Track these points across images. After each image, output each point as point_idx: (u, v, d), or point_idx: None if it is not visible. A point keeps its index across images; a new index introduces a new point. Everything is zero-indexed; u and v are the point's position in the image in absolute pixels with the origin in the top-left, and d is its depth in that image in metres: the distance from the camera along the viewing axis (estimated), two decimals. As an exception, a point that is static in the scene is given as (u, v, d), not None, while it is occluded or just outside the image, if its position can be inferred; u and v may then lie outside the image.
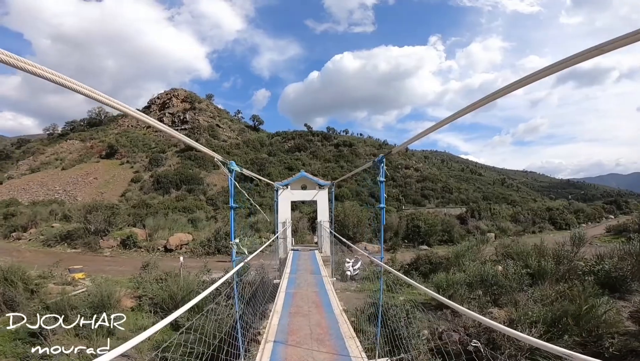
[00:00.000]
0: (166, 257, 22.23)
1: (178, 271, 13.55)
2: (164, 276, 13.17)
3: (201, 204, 52.97)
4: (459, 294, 10.70)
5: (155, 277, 13.73)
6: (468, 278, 11.43)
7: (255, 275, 13.96)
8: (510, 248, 14.93)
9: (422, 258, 15.17)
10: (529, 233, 29.96)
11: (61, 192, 61.24)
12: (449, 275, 11.89)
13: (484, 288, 11.42)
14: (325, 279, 7.27)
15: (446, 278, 11.49)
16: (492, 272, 11.21)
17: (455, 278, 11.39)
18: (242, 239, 4.63)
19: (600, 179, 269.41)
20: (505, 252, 14.85)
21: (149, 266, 15.01)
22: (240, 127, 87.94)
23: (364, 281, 15.33)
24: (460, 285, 10.85)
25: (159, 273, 14.06)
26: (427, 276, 15.15)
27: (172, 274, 13.36)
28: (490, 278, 11.04)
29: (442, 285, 11.07)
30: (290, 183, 12.86)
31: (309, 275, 7.94)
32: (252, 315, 9.57)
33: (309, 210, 36.93)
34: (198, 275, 14.04)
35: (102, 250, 24.30)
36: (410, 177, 69.74)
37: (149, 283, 13.03)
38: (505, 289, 11.14)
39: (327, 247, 12.17)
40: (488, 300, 10.88)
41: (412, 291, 13.68)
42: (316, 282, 7.10)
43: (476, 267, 12.69)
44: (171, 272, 13.61)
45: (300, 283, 7.05)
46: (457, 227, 25.86)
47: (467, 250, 14.55)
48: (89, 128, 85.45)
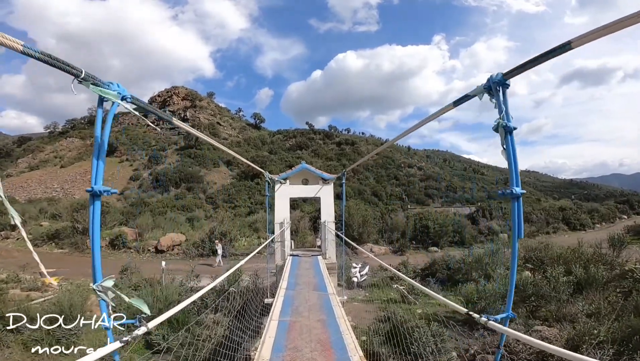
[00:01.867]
0: (156, 259, 20.38)
1: (160, 278, 11.71)
2: (143, 283, 11.33)
3: (200, 203, 51.17)
4: (493, 308, 8.78)
5: (135, 284, 11.88)
6: (501, 287, 9.50)
7: (248, 283, 12.07)
8: (540, 252, 12.97)
9: (438, 262, 13.24)
10: (542, 233, 27.98)
11: (59, 189, 59.58)
12: (478, 285, 9.94)
13: (519, 299, 9.50)
14: (334, 300, 5.34)
15: (477, 289, 9.55)
16: (530, 280, 9.28)
17: (487, 288, 9.45)
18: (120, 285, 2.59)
19: (602, 179, 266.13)
20: (534, 256, 12.91)
21: (129, 270, 13.12)
22: (241, 125, 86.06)
23: (372, 289, 13.41)
24: (494, 297, 8.92)
25: (140, 279, 12.20)
26: (445, 284, 13.23)
27: (153, 281, 11.52)
28: (529, 287, 9.12)
29: (473, 297, 9.14)
30: (290, 177, 10.90)
31: (311, 291, 6.00)
32: (242, 330, 7.69)
33: (311, 208, 34.85)
34: (184, 281, 12.16)
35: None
36: (413, 175, 67.70)
37: (125, 291, 11.16)
38: (545, 300, 9.24)
39: (332, 252, 10.25)
40: (526, 314, 8.97)
41: (430, 301, 11.76)
42: (321, 304, 5.18)
43: (505, 274, 10.78)
44: (152, 278, 11.77)
45: (299, 305, 5.14)
46: (469, 228, 23.90)
47: (490, 254, 12.59)
48: (90, 127, 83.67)
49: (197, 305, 10.09)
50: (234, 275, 10.67)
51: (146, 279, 11.71)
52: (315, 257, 9.95)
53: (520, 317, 8.91)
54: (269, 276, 8.73)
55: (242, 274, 12.84)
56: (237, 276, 10.64)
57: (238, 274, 10.66)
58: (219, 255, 17.81)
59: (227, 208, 48.12)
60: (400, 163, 73.43)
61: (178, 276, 14.29)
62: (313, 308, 5.02)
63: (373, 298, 12.18)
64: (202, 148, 67.05)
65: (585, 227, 31.20)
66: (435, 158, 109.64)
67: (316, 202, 42.86)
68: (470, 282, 12.49)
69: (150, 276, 12.10)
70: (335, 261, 9.84)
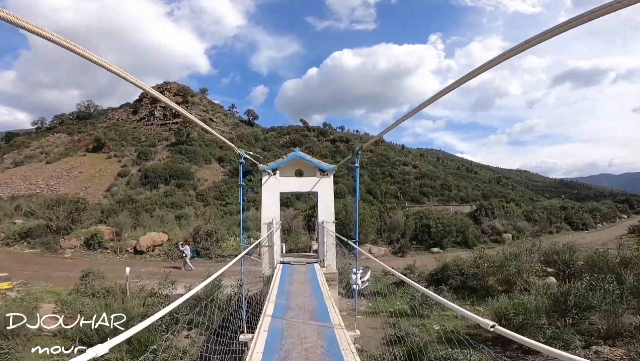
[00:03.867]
0: (135, 260, 18.32)
1: (124, 286, 9.76)
2: (103, 293, 9.37)
3: (190, 200, 48.91)
4: (532, 324, 7.02)
5: (95, 291, 9.89)
6: (538, 299, 7.75)
7: (231, 291, 10.14)
8: (563, 255, 11.28)
9: (450, 267, 11.46)
10: (546, 233, 26.53)
11: (43, 186, 56.78)
12: (512, 296, 8.13)
13: (555, 311, 7.77)
14: (341, 338, 3.46)
15: (511, 302, 7.76)
16: (575, 291, 7.54)
17: (522, 301, 7.66)
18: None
19: (591, 179, 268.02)
20: (559, 260, 11.23)
21: (90, 275, 11.09)
22: (234, 121, 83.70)
23: (375, 298, 11.58)
24: (535, 312, 7.14)
25: (104, 286, 10.20)
26: (458, 291, 11.47)
27: (115, 289, 9.56)
28: (573, 298, 7.37)
29: (507, 312, 7.33)
30: (280, 167, 8.97)
31: (307, 322, 4.09)
32: (222, 352, 5.82)
33: (305, 206, 32.75)
34: (155, 289, 10.20)
35: (63, 251, 20.32)
36: (408, 173, 66.14)
37: (83, 300, 9.17)
38: (590, 312, 7.53)
39: (332, 259, 8.33)
40: (572, 332, 7.24)
41: (445, 313, 9.98)
42: (324, 349, 3.29)
43: (539, 282, 9.05)
44: (115, 286, 9.80)
45: (291, 350, 3.27)
46: (472, 227, 22.24)
47: (511, 258, 10.82)
48: (78, 122, 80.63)
49: (166, 321, 8.20)
50: (213, 283, 8.78)
51: (107, 288, 9.72)
52: (311, 266, 8.03)
53: (564, 333, 7.18)
54: (245, 295, 6.77)
55: (226, 279, 10.94)
56: (217, 285, 8.73)
57: (217, 283, 8.75)
58: (187, 258, 15.87)
59: (218, 206, 46.05)
60: (395, 161, 71.84)
61: (152, 282, 12.31)
62: (312, 355, 3.16)
63: (378, 310, 10.36)
64: (193, 144, 64.64)
65: (587, 227, 29.87)
66: (428, 157, 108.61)
67: (311, 199, 40.48)
68: (486, 290, 10.80)
69: (113, 284, 10.10)
70: (335, 270, 7.94)
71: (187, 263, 15.81)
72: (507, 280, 10.47)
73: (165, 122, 72.82)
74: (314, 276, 6.91)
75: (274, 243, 8.18)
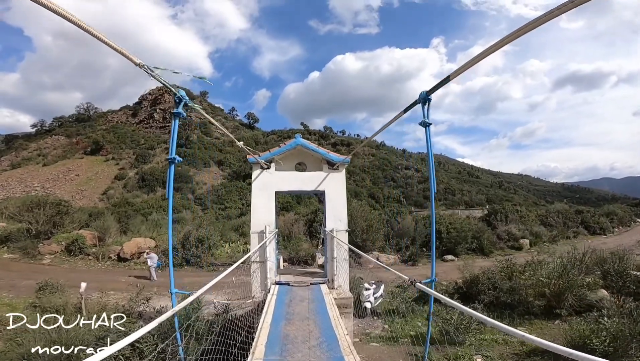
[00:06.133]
0: (118, 268, 16.36)
1: (80, 303, 7.81)
2: (52, 311, 7.42)
3: (188, 203, 47.02)
4: (624, 353, 5.07)
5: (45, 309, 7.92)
6: (616, 321, 5.79)
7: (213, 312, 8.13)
8: (614, 264, 9.31)
9: (481, 280, 9.48)
10: (563, 238, 24.51)
11: (39, 188, 54.85)
12: (602, 320, 6.14)
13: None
14: None
15: (589, 326, 5.81)
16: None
17: (604, 324, 5.69)
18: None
19: (593, 183, 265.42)
20: (612, 270, 9.26)
21: (48, 288, 9.12)
22: (235, 124, 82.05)
23: (392, 318, 9.59)
24: (628, 337, 5.19)
25: (52, 303, 8.23)
26: (491, 309, 9.47)
27: (67, 307, 7.61)
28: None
29: (588, 335, 5.36)
30: (276, 158, 7.02)
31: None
32: None
33: (307, 210, 30.66)
34: (125, 307, 8.21)
35: (42, 257, 18.37)
36: (411, 177, 64.19)
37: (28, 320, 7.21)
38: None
39: (343, 278, 6.31)
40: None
41: (483, 337, 7.98)
42: None
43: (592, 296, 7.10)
44: (66, 305, 7.85)
45: None
46: (488, 233, 20.25)
47: (561, 270, 8.80)
48: (77, 124, 78.91)
49: (126, 355, 6.25)
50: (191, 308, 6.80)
51: (57, 306, 7.74)
52: (317, 288, 5.98)
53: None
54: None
55: (212, 293, 8.97)
56: (196, 310, 6.75)
57: (197, 306, 6.78)
58: (151, 267, 13.93)
59: (216, 210, 44.15)
60: (397, 165, 69.95)
61: (125, 294, 10.32)
62: None
63: (397, 334, 8.36)
64: (192, 147, 62.79)
65: (605, 231, 27.84)
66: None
67: (312, 203, 38.32)
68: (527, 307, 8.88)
69: (76, 299, 8.13)
70: (349, 294, 5.91)
71: (153, 274, 13.92)
72: (557, 294, 8.50)
73: (165, 124, 71.06)
74: (321, 305, 4.90)
75: (266, 259, 6.15)
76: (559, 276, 8.40)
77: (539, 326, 8.69)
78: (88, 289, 10.34)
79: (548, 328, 8.67)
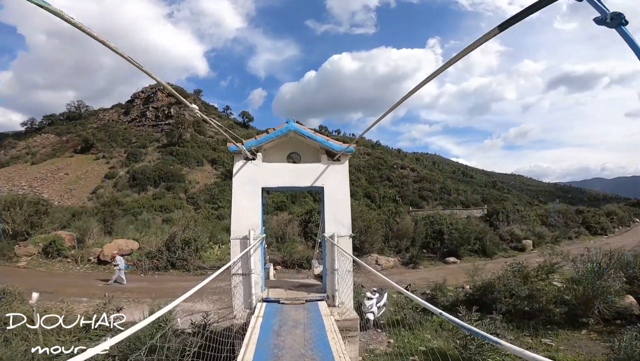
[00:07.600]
0: (97, 271, 15.04)
1: (32, 315, 6.59)
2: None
3: (181, 203, 45.58)
4: None
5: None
6: None
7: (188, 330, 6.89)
8: None
9: (496, 286, 8.40)
10: (565, 239, 23.65)
11: (27, 187, 52.94)
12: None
13: None
14: None
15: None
16: None
17: None
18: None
19: (584, 183, 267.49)
20: None
21: (6, 296, 7.83)
22: (229, 123, 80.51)
23: (397, 330, 8.44)
24: None
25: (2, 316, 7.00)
26: (509, 318, 8.38)
27: (17, 321, 6.39)
28: None
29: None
30: (263, 147, 5.82)
31: None
32: None
33: (301, 210, 29.15)
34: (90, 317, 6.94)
35: (18, 259, 16.98)
36: (406, 177, 63.30)
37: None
38: None
39: (347, 294, 5.08)
40: None
41: (506, 353, 6.86)
42: None
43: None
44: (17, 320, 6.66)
45: None
46: (491, 234, 19.23)
47: (592, 275, 7.74)
48: (68, 122, 76.80)
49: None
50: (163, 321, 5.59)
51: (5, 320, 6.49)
52: (314, 306, 4.76)
53: None
54: None
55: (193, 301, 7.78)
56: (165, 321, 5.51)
57: (167, 317, 5.56)
58: (118, 271, 12.70)
59: (209, 210, 42.78)
60: (392, 164, 69.05)
61: (95, 302, 9.05)
62: None
63: (404, 349, 7.23)
64: (185, 145, 61.27)
65: (606, 231, 27.04)
66: (424, 161, 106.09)
67: (307, 202, 36.92)
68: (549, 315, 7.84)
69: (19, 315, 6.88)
70: (354, 314, 4.66)
71: (117, 275, 12.67)
72: (584, 302, 7.45)
73: (157, 123, 69.37)
74: (320, 333, 3.69)
75: (251, 271, 4.89)
76: (589, 283, 7.36)
77: (564, 337, 7.63)
78: (56, 295, 9.09)
79: (575, 339, 7.62)
